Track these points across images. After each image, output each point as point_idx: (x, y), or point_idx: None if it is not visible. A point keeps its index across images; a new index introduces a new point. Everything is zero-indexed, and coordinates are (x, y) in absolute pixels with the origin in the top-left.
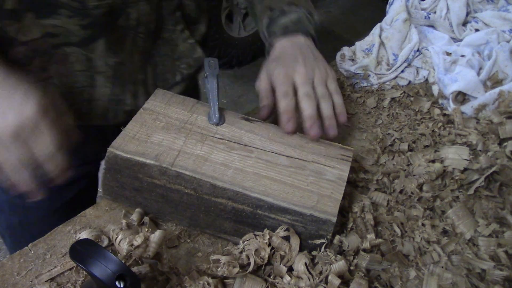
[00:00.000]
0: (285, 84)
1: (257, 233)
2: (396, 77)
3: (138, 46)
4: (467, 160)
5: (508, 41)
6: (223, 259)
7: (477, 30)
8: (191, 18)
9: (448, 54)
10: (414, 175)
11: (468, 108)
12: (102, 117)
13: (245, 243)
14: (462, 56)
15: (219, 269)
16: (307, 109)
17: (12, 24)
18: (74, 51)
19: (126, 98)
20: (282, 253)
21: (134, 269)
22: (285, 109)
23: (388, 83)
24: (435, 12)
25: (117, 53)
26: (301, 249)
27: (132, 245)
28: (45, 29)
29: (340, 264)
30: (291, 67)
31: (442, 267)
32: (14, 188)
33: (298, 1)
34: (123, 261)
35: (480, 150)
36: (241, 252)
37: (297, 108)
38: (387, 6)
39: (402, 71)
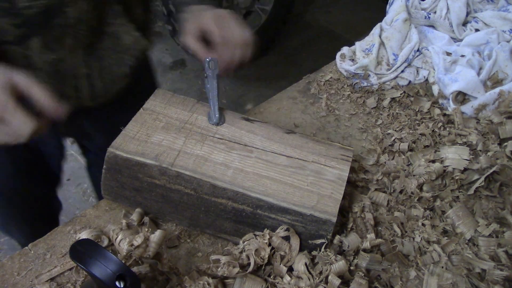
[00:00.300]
0: (218, 30)
1: (257, 233)
2: (396, 77)
3: (80, 42)
4: (467, 160)
5: (508, 41)
6: (223, 259)
7: (477, 30)
8: (129, 7)
9: (448, 54)
10: (414, 175)
11: (468, 108)
12: None
13: (245, 243)
14: (462, 56)
15: (219, 269)
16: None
17: None
18: (12, 49)
19: (69, 92)
20: (282, 253)
21: (134, 269)
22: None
23: (388, 83)
24: (435, 12)
25: (55, 50)
26: (301, 249)
27: (132, 245)
28: None
29: (340, 264)
30: (217, 12)
31: (442, 267)
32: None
33: None
34: (123, 261)
35: (480, 150)
36: (241, 252)
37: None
38: (387, 6)
39: (402, 71)
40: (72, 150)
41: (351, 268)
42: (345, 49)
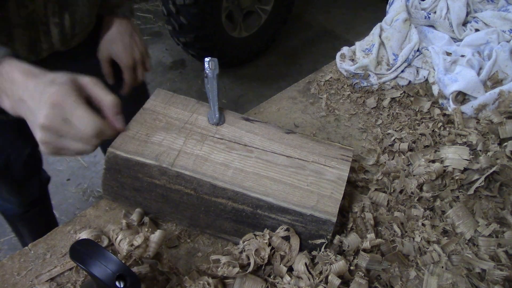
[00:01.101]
0: (126, 58)
1: (257, 233)
2: (396, 77)
3: None
4: (467, 160)
5: (508, 41)
6: (223, 259)
7: (477, 30)
8: None
9: (448, 54)
10: (414, 175)
11: (468, 108)
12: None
13: (245, 243)
14: (462, 56)
15: (219, 269)
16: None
17: None
18: None
19: (41, 38)
20: (282, 253)
21: (134, 269)
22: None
23: (388, 83)
24: (435, 12)
25: (28, 6)
26: (301, 249)
27: (132, 245)
28: None
29: (340, 264)
30: (124, 33)
31: (442, 267)
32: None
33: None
34: (123, 261)
35: (480, 150)
36: (241, 252)
37: None
38: (387, 6)
39: (402, 71)
40: None
41: (351, 268)
42: (345, 49)
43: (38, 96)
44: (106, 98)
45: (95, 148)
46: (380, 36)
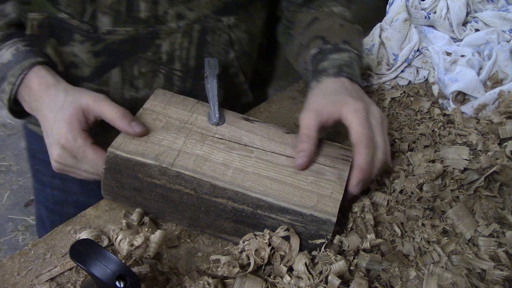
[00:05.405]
0: (361, 129)
1: (257, 233)
2: (396, 77)
3: (174, 85)
4: (467, 160)
5: (508, 41)
6: (223, 259)
7: (477, 30)
8: (245, 53)
9: (448, 54)
10: (414, 175)
11: (468, 108)
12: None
13: (245, 243)
14: (462, 56)
15: (219, 269)
16: (365, 159)
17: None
18: (87, 86)
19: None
20: (282, 253)
21: (134, 269)
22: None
23: (388, 83)
24: (435, 12)
25: (140, 88)
26: (301, 249)
27: (132, 245)
28: (68, 59)
29: (340, 264)
30: (359, 100)
31: (442, 267)
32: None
33: (352, 40)
34: (123, 261)
35: (480, 150)
36: (241, 252)
37: None
38: (387, 6)
39: (402, 71)
40: None
41: (351, 268)
42: None
43: (52, 116)
44: (112, 113)
45: None
46: (380, 36)
